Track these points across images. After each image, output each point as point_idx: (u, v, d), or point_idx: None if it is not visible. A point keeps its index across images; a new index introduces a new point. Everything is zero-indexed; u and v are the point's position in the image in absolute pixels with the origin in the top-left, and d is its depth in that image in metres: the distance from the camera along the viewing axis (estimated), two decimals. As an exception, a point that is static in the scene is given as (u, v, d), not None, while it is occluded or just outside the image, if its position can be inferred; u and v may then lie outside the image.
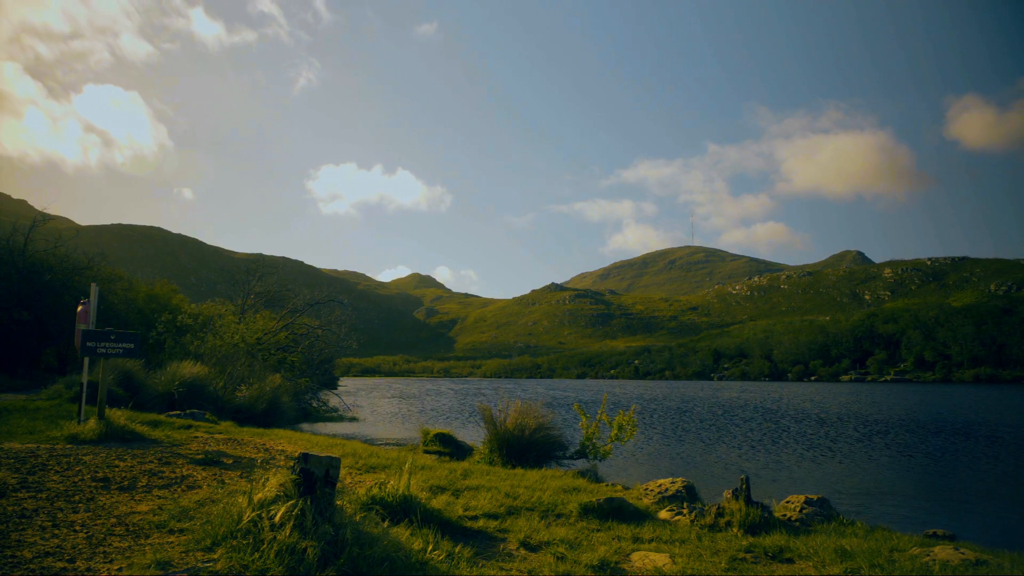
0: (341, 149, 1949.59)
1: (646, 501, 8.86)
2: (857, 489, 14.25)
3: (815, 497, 8.66)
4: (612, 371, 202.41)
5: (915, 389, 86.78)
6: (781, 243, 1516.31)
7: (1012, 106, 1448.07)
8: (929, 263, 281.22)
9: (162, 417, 13.46)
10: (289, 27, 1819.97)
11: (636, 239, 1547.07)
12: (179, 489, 6.98)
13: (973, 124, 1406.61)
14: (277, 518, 4.62)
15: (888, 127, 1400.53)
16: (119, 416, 10.53)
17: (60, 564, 4.34)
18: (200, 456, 9.06)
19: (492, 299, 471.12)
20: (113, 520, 5.52)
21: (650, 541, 6.54)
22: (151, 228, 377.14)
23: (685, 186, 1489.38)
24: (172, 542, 4.96)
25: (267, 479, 5.12)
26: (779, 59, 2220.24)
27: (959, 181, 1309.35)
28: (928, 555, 6.12)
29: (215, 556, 4.55)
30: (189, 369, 18.66)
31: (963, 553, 6.10)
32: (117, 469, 7.70)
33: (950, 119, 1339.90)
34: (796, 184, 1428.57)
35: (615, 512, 7.52)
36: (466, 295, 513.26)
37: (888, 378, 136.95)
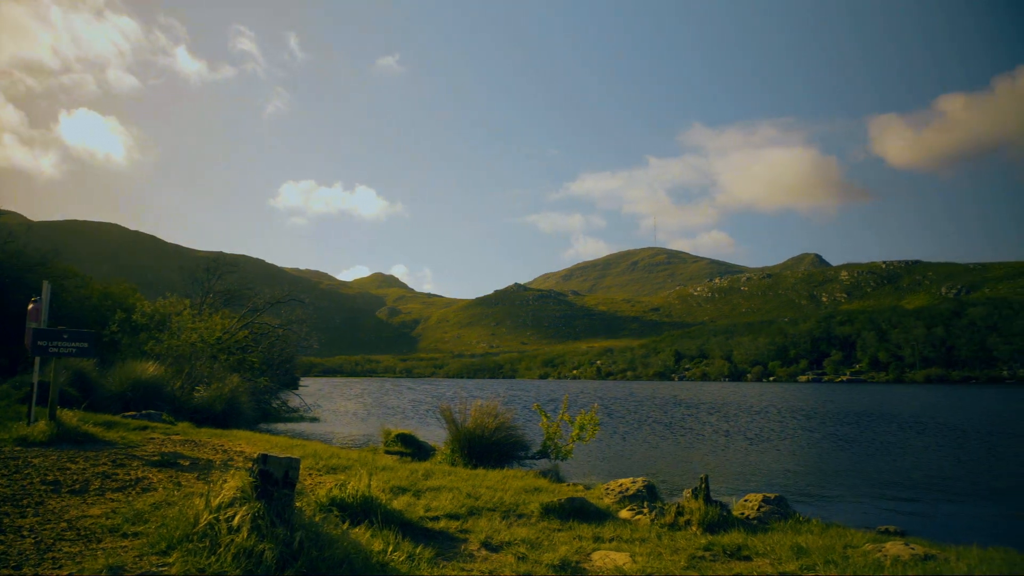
0: (302, 168, 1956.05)
1: (607, 501, 8.92)
2: (813, 487, 14.53)
3: (772, 496, 8.82)
4: (575, 371, 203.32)
5: (869, 389, 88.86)
6: (726, 254, 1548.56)
7: (931, 124, 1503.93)
8: (884, 266, 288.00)
9: (117, 418, 13.17)
10: (267, 65, 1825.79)
11: (589, 252, 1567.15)
12: (133, 492, 6.83)
13: (894, 142, 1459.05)
14: (235, 521, 4.55)
15: (817, 144, 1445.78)
16: (71, 417, 10.26)
17: (6, 571, 4.21)
18: (156, 458, 8.87)
19: (455, 299, 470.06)
20: (63, 524, 5.38)
21: (611, 540, 6.60)
22: (107, 224, 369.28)
23: (629, 196, 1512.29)
24: (126, 546, 4.85)
25: (225, 481, 5.04)
26: (713, 79, 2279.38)
27: (889, 194, 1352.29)
28: (880, 551, 6.29)
29: (170, 560, 4.46)
30: (145, 369, 18.27)
31: (913, 549, 6.28)
32: (68, 472, 7.50)
33: (874, 138, 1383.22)
34: (735, 196, 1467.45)
35: (576, 512, 7.56)
36: (429, 295, 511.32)
37: (844, 378, 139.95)
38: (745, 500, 8.85)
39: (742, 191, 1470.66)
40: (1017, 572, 5.40)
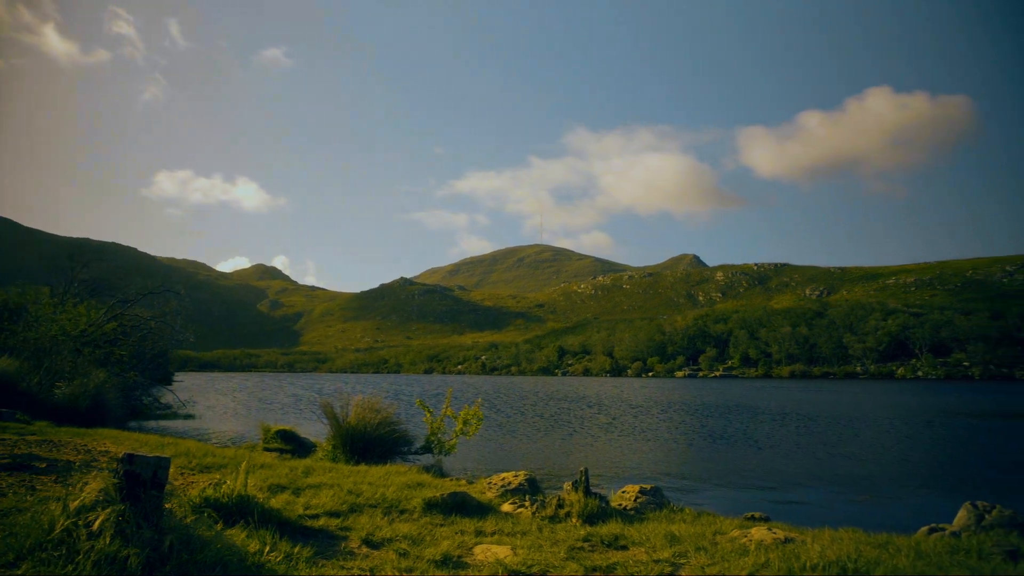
0: (180, 158, 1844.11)
1: (489, 495, 9.01)
2: (687, 477, 15.23)
3: (648, 487, 9.16)
4: (459, 366, 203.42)
5: (740, 384, 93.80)
6: (607, 254, 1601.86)
7: (793, 138, 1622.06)
8: (755, 268, 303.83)
9: (-39, 417, 12.11)
10: (145, 50, 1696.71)
11: (475, 250, 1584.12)
12: (-20, 497, 6.30)
13: (761, 153, 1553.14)
14: (96, 525, 4.28)
15: (692, 152, 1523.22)
16: (-93, 416, 9.36)
17: None
18: (6, 460, 8.22)
19: (340, 292, 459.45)
20: None
21: (492, 534, 6.68)
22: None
23: (513, 196, 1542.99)
24: (-33, 557, 4.47)
25: (86, 483, 4.73)
26: (596, 84, 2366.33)
27: (758, 201, 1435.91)
28: (746, 536, 6.69)
29: (19, 572, 4.13)
30: (-4, 363, 16.86)
31: (775, 533, 6.73)
32: (-97, 476, 6.84)
33: (743, 148, 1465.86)
34: (616, 198, 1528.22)
35: (459, 507, 7.60)
36: (312, 288, 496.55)
37: (717, 374, 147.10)
38: (623, 491, 9.15)
39: (622, 194, 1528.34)
40: (862, 549, 5.88)
